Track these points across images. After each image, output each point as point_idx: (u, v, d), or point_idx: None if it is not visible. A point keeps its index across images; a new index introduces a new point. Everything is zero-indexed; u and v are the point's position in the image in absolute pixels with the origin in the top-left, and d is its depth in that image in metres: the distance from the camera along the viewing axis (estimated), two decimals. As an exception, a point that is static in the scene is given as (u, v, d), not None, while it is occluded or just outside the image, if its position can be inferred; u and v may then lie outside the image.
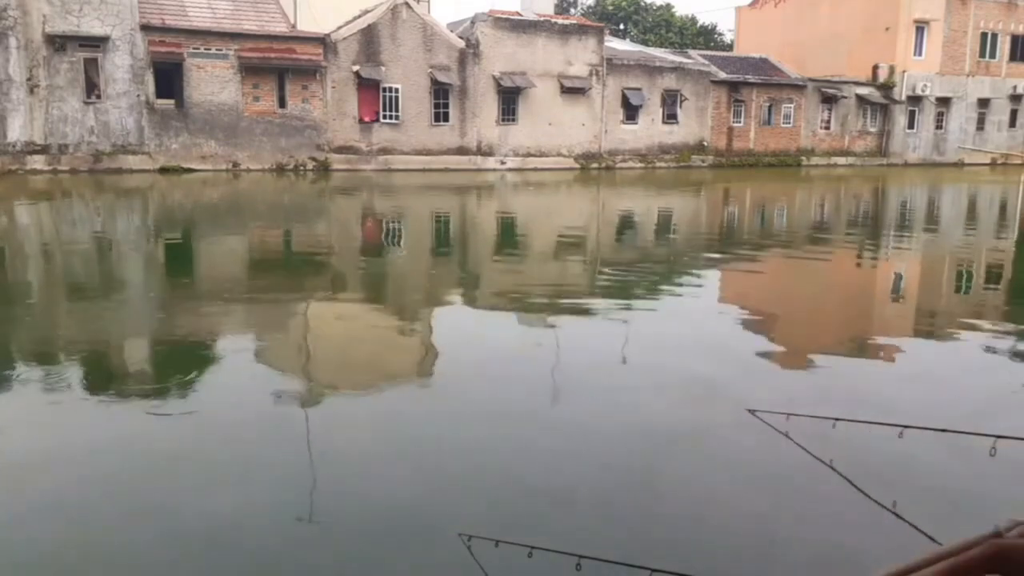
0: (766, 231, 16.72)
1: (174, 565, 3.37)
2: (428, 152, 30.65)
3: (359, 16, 29.89)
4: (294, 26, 29.02)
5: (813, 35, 42.70)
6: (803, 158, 38.77)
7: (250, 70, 27.39)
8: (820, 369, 6.52)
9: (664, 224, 18.17)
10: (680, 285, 10.67)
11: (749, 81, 37.25)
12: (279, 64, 27.76)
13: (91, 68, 25.43)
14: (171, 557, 3.41)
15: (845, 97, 39.39)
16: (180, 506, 3.82)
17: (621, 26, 59.04)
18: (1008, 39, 42.46)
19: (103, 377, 6.04)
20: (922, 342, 7.71)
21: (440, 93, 30.70)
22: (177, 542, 3.52)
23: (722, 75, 36.66)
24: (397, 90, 29.91)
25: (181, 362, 6.43)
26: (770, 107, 37.94)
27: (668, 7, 61.06)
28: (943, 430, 4.14)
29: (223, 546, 3.52)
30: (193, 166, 26.80)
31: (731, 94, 36.90)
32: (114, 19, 25.43)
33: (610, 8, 59.20)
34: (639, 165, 34.79)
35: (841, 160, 39.64)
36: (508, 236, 15.88)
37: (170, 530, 3.61)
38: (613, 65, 34.09)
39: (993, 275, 11.99)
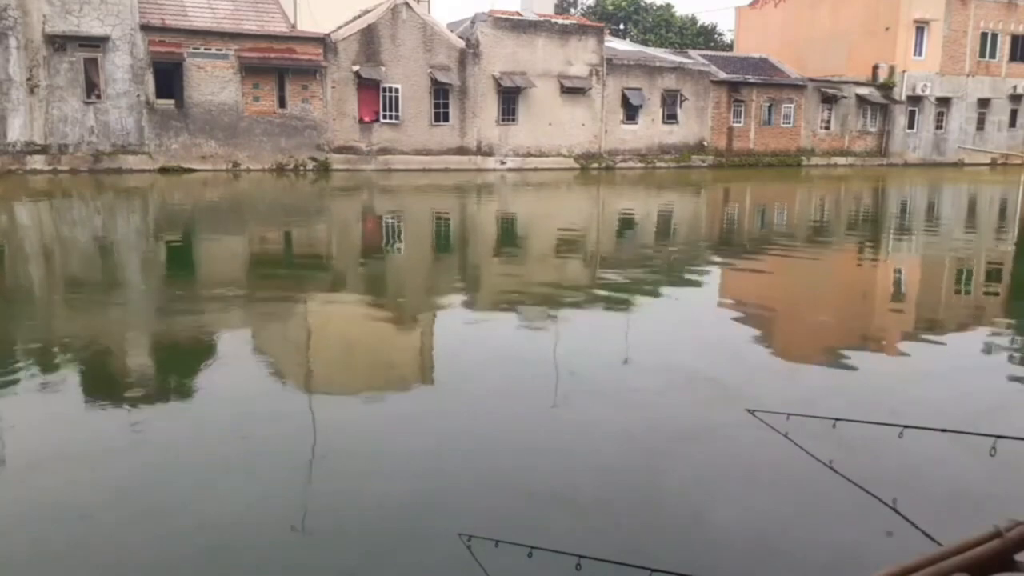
0: (766, 231, 16.72)
1: (174, 565, 3.37)
2: (428, 152, 30.65)
3: (359, 16, 29.89)
4: (294, 26, 29.02)
5: (813, 35, 42.72)
6: (803, 158, 38.78)
7: (250, 70, 27.39)
8: (820, 369, 6.52)
9: (664, 224, 18.16)
10: (680, 285, 10.66)
11: (749, 81, 37.25)
12: (279, 64, 27.76)
13: (91, 68, 25.43)
14: (171, 557, 3.41)
15: (845, 97, 39.39)
16: (180, 505, 3.82)
17: (621, 26, 59.03)
18: (1008, 39, 42.46)
19: (103, 377, 6.04)
20: (922, 342, 7.71)
21: (440, 93, 30.70)
22: (177, 542, 3.52)
23: (722, 75, 36.66)
24: (397, 90, 29.91)
25: (182, 362, 6.43)
26: (770, 107, 37.94)
27: (668, 7, 61.06)
28: (943, 430, 4.14)
29: (223, 546, 3.52)
30: (193, 166, 26.80)
31: (731, 94, 36.90)
32: (114, 19, 25.42)
33: (610, 8, 59.19)
34: (639, 165, 34.79)
35: (841, 160, 39.65)
36: (509, 236, 15.88)
37: (170, 530, 3.61)
38: (613, 65, 34.09)
39: (993, 275, 11.99)
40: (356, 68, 29.00)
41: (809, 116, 38.93)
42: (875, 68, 40.24)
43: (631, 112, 34.67)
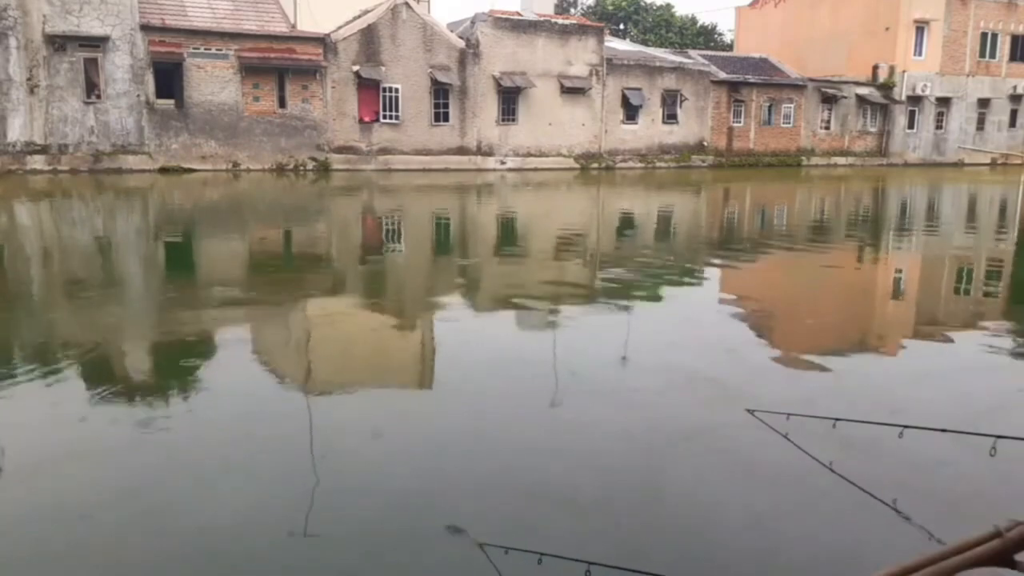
0: (766, 231, 16.72)
1: (174, 565, 3.37)
2: (428, 152, 30.65)
3: (359, 16, 29.89)
4: (294, 26, 29.02)
5: (813, 35, 42.71)
6: (803, 158, 38.78)
7: (250, 70, 27.39)
8: (820, 369, 6.51)
9: (664, 224, 18.17)
10: (680, 285, 10.67)
11: (749, 81, 37.25)
12: (279, 64, 27.76)
13: (91, 68, 25.43)
14: (171, 557, 3.41)
15: (845, 97, 39.39)
16: (180, 506, 3.82)
17: (621, 26, 59.03)
18: (1008, 39, 42.46)
19: (104, 377, 6.04)
20: (922, 342, 7.71)
21: (440, 93, 30.70)
22: (177, 542, 3.52)
23: (722, 75, 36.66)
24: (397, 90, 29.91)
25: (181, 362, 6.43)
26: (770, 107, 37.94)
27: (668, 7, 61.07)
28: (943, 430, 4.14)
29: (223, 546, 3.52)
30: (193, 166, 26.80)
31: (731, 94, 36.89)
32: (114, 19, 25.42)
33: (610, 8, 59.19)
34: (639, 165, 34.79)
35: (841, 160, 39.65)
36: (509, 236, 15.88)
37: (170, 530, 3.61)
38: (613, 65, 34.08)
39: (993, 275, 11.99)
40: (356, 68, 29.00)
41: (809, 116, 38.93)
42: (875, 68, 40.24)
43: (631, 112, 34.67)
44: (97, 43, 25.35)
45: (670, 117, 35.53)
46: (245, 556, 3.46)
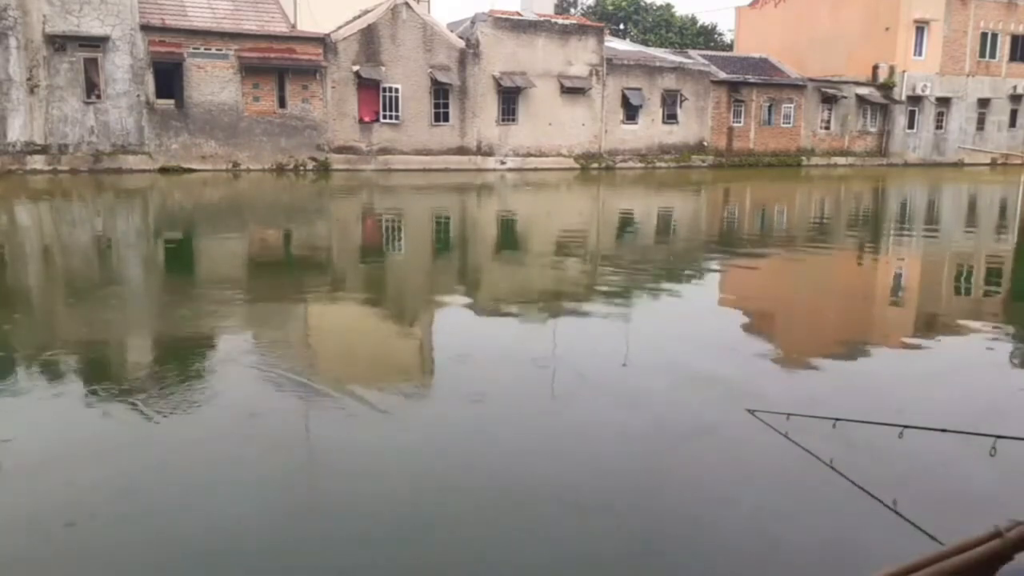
0: (766, 231, 16.72)
1: (173, 566, 3.37)
2: (428, 152, 30.65)
3: (359, 16, 29.89)
4: (294, 26, 29.01)
5: (813, 35, 42.70)
6: (803, 158, 38.78)
7: (250, 70, 27.38)
8: (821, 369, 6.52)
9: (665, 224, 18.16)
10: (680, 285, 10.67)
11: (749, 81, 37.25)
12: (279, 64, 27.76)
13: (91, 68, 25.43)
14: (170, 557, 3.42)
15: (845, 97, 39.39)
16: (179, 506, 3.82)
17: (621, 26, 59.02)
18: (1008, 39, 42.46)
19: (104, 377, 6.04)
20: (922, 342, 7.71)
21: (440, 93, 30.69)
22: (175, 543, 3.52)
23: (722, 75, 36.66)
24: (397, 90, 29.91)
25: (181, 362, 6.43)
26: (770, 107, 37.94)
27: (668, 7, 61.05)
28: (943, 430, 4.14)
29: (220, 547, 3.52)
30: (193, 166, 26.80)
31: (731, 94, 36.89)
32: (114, 19, 25.42)
33: (610, 8, 59.18)
34: (639, 165, 34.79)
35: (841, 160, 39.65)
36: (509, 237, 15.88)
37: (168, 531, 3.61)
38: (613, 65, 34.08)
39: (993, 275, 11.99)
40: (356, 68, 29.00)
41: (809, 116, 38.92)
42: (875, 68, 40.24)
43: (631, 112, 34.67)
44: (97, 43, 25.35)
45: (670, 117, 35.53)
46: (242, 556, 3.47)
